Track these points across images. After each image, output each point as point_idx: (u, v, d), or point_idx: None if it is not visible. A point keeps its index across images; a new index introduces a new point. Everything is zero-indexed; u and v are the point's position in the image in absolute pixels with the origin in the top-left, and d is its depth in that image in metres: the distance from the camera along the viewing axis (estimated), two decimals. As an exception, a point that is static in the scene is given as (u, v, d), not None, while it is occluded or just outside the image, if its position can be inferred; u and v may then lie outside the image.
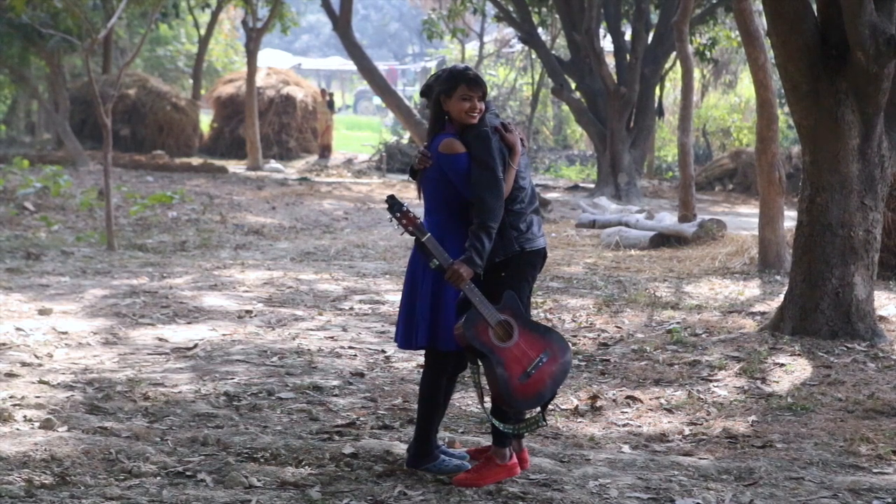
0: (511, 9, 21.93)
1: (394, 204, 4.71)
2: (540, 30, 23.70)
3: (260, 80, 27.89)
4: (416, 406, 5.17)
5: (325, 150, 29.00)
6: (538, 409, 4.85)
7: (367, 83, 23.58)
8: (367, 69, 20.34)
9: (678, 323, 8.53)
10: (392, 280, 10.69)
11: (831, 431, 5.82)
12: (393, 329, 6.78)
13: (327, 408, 6.12)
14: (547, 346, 4.76)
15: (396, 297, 5.16)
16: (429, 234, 4.67)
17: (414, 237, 4.69)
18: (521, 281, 4.83)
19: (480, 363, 4.76)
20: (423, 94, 4.93)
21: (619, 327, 8.51)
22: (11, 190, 16.51)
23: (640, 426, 5.99)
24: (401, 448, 5.19)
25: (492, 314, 4.65)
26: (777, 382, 6.81)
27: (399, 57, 64.01)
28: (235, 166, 25.26)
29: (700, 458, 5.38)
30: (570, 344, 5.08)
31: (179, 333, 8.05)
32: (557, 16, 23.02)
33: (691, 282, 10.60)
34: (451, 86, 4.76)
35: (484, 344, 4.64)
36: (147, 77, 29.20)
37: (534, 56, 25.94)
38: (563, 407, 6.27)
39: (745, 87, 29.07)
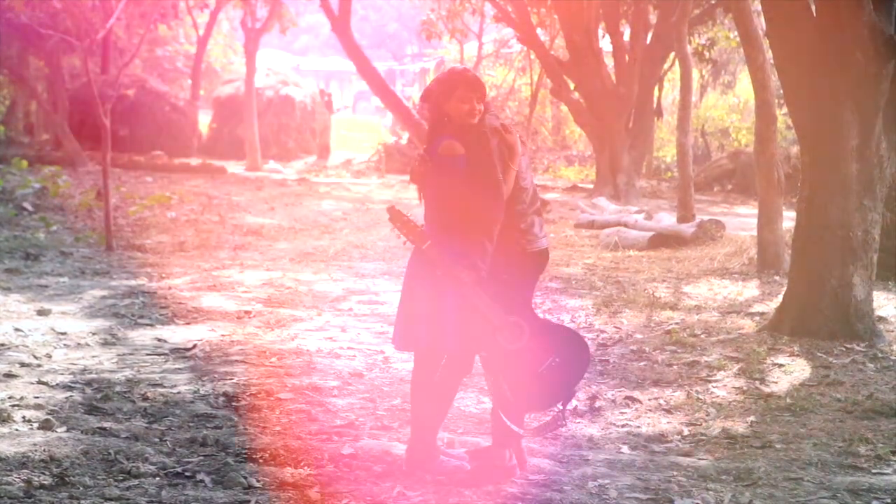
0: (510, 9, 21.90)
1: (394, 215, 4.70)
2: (539, 30, 23.67)
3: (259, 80, 27.86)
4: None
5: (324, 151, 28.98)
6: (558, 407, 4.81)
7: (365, 83, 23.55)
8: (365, 69, 20.32)
9: (677, 323, 8.52)
10: (391, 280, 10.68)
11: (830, 432, 5.82)
12: (392, 329, 6.77)
13: (326, 408, 6.12)
14: (561, 346, 4.72)
15: (395, 298, 5.14)
16: (430, 241, 4.65)
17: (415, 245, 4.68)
18: (523, 282, 4.82)
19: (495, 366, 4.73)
20: (423, 98, 4.92)
21: (618, 328, 8.50)
22: (10, 190, 16.48)
23: (639, 427, 5.99)
24: (400, 448, 5.18)
25: (499, 316, 4.63)
26: (776, 383, 6.81)
27: (398, 57, 63.98)
28: (234, 167, 25.24)
29: (699, 459, 5.38)
30: (587, 341, 5.02)
31: (178, 334, 8.04)
32: (556, 16, 23.00)
33: (690, 282, 10.60)
34: (450, 88, 4.75)
35: (493, 346, 4.63)
36: (146, 77, 29.18)
37: (532, 56, 25.91)
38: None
39: (744, 87, 29.00)
